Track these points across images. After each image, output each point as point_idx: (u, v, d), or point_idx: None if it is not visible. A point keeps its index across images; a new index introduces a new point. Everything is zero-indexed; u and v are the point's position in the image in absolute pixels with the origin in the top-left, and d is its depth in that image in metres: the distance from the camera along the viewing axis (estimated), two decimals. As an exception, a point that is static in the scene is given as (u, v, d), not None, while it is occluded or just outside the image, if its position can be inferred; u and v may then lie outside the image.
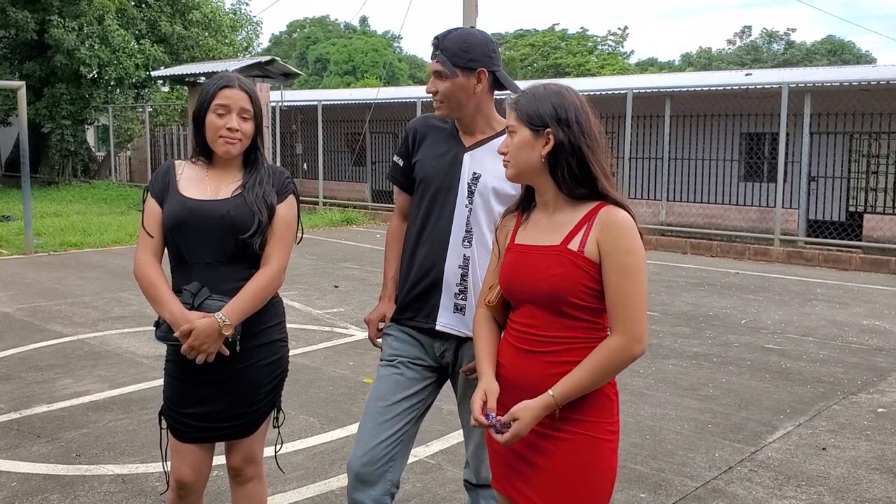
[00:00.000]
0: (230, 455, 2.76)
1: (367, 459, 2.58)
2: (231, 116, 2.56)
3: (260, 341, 2.64)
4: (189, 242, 2.56)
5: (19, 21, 20.06)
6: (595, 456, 2.09)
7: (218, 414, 2.64)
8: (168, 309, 2.51)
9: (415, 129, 2.82)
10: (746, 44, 62.69)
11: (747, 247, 12.40)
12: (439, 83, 2.62)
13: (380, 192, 18.72)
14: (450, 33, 2.65)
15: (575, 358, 2.06)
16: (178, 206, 2.57)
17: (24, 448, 4.36)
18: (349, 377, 5.74)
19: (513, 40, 60.52)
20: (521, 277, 2.13)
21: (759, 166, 14.46)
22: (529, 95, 2.16)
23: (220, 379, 2.61)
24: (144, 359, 6.15)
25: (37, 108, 21.08)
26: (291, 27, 72.51)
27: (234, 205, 2.55)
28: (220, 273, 2.55)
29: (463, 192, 2.66)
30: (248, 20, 27.11)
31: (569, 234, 2.09)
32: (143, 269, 2.58)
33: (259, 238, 2.56)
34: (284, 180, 2.68)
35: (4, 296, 8.51)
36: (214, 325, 2.46)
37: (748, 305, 8.50)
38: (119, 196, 19.62)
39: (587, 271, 2.05)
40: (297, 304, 8.04)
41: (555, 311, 2.08)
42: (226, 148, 2.58)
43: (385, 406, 2.64)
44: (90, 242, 12.49)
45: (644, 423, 4.87)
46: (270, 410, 2.75)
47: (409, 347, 2.72)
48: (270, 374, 2.68)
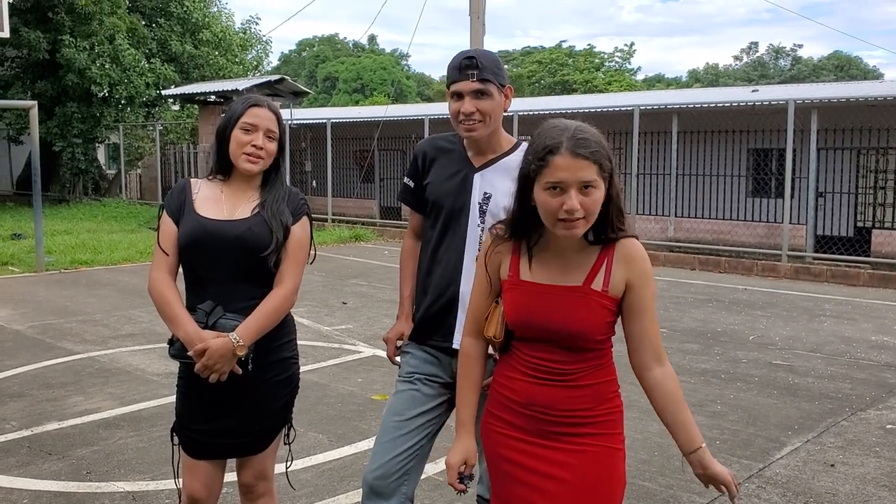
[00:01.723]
0: (241, 472, 2.78)
1: (382, 472, 2.61)
2: (258, 134, 2.60)
3: (272, 358, 2.66)
4: (204, 261, 2.59)
5: (31, 41, 20.28)
6: (612, 467, 2.14)
7: (230, 430, 2.65)
8: (182, 328, 2.53)
9: (423, 151, 2.85)
10: (753, 60, 62.84)
11: (755, 263, 12.39)
12: (480, 102, 2.62)
13: (388, 208, 18.79)
14: (480, 52, 2.69)
15: (587, 380, 2.11)
16: (194, 226, 2.59)
17: (35, 465, 4.39)
18: (358, 394, 5.76)
19: (520, 57, 60.82)
20: (540, 318, 2.09)
21: (766, 182, 14.47)
22: (597, 143, 2.01)
23: (233, 396, 2.62)
24: (155, 376, 6.19)
25: (48, 126, 21.26)
26: (301, 46, 73.05)
27: (253, 223, 2.58)
28: (234, 291, 2.58)
29: (474, 212, 2.69)
30: (258, 39, 27.30)
31: (590, 274, 2.08)
32: (158, 288, 2.60)
33: (275, 256, 2.58)
34: (299, 201, 2.71)
35: (16, 314, 8.58)
36: (228, 345, 2.48)
37: (756, 321, 8.49)
38: (129, 214, 19.74)
39: (611, 309, 2.08)
40: (305, 321, 8.07)
41: (572, 347, 2.10)
42: (248, 165, 2.61)
43: (401, 421, 2.68)
44: (101, 260, 12.57)
45: (652, 439, 4.87)
46: (282, 427, 2.77)
47: (427, 365, 2.75)
48: (282, 390, 2.70)
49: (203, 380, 2.55)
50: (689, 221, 14.45)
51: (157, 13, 23.87)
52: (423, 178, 2.82)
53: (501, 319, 2.19)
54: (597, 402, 2.12)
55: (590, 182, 1.97)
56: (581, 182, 1.96)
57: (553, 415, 2.11)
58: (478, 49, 2.75)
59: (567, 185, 1.96)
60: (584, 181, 1.96)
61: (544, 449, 2.12)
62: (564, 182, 1.96)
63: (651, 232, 14.47)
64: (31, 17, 20.74)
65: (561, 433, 2.11)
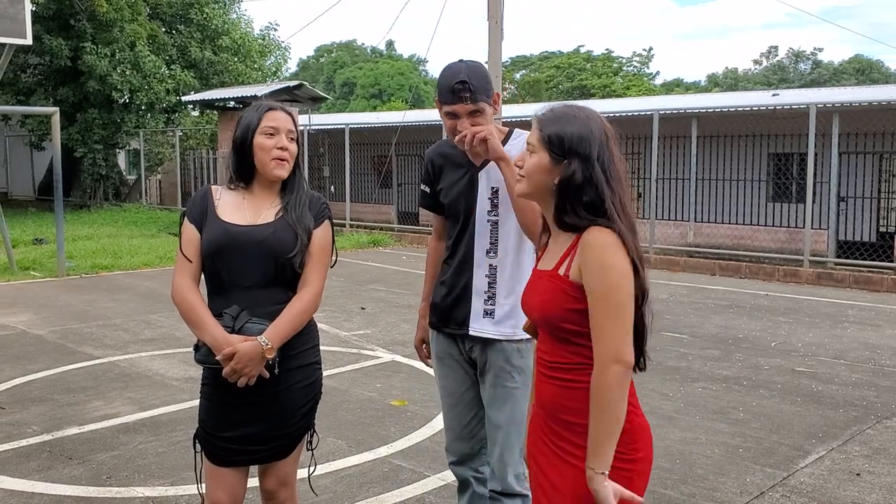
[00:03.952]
0: (264, 478, 2.76)
1: (461, 440, 3.05)
2: (280, 137, 2.61)
3: (296, 364, 2.66)
4: (229, 267, 2.59)
5: (54, 48, 20.48)
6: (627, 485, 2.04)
7: (255, 437, 2.64)
8: (209, 332, 2.52)
9: (431, 159, 3.08)
10: (773, 64, 62.41)
11: (776, 268, 12.28)
12: (475, 119, 2.79)
13: (406, 213, 18.80)
14: (470, 72, 2.77)
15: (583, 384, 2.03)
16: (218, 232, 2.59)
17: (55, 470, 4.41)
18: (376, 399, 5.75)
19: (538, 62, 60.74)
20: (525, 302, 2.23)
21: (787, 187, 14.34)
22: (556, 118, 2.13)
23: (258, 402, 2.61)
24: (174, 381, 6.20)
25: (70, 132, 21.46)
26: (319, 52, 73.34)
27: (277, 227, 2.59)
28: (259, 296, 2.58)
29: (483, 207, 2.90)
30: (277, 45, 27.42)
31: (560, 260, 2.11)
32: (183, 294, 2.60)
33: (300, 258, 2.59)
34: (321, 205, 2.72)
35: (37, 318, 8.64)
36: (258, 348, 2.48)
37: (778, 328, 8.40)
38: (149, 219, 19.87)
39: (572, 295, 2.04)
40: (324, 326, 8.08)
41: (555, 336, 2.11)
42: (279, 171, 2.62)
43: (454, 399, 3.05)
44: (121, 265, 12.66)
45: (673, 447, 4.82)
46: (305, 433, 2.76)
47: (450, 348, 3.04)
48: (306, 396, 2.70)
49: (229, 386, 2.55)
50: (709, 226, 14.35)
51: (177, 20, 24.05)
52: (436, 183, 3.04)
53: None
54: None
55: (529, 144, 2.15)
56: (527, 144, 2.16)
57: (552, 420, 2.11)
58: (467, 66, 2.82)
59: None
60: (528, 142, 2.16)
61: (545, 457, 2.13)
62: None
63: (671, 237, 14.38)
64: (54, 24, 20.96)
65: (560, 440, 2.09)
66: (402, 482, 4.26)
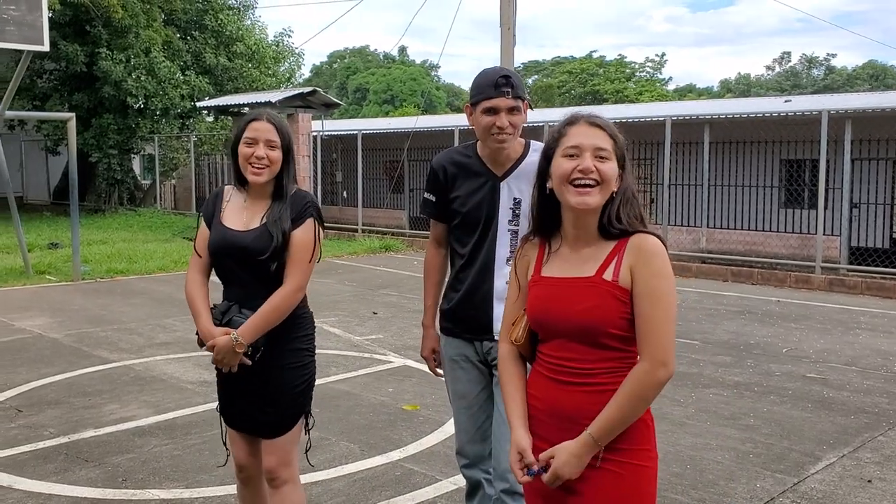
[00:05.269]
0: (265, 457, 3.00)
1: (474, 442, 3.08)
2: (258, 146, 2.86)
3: (287, 348, 2.93)
4: (225, 266, 2.93)
5: (69, 54, 20.66)
6: (636, 483, 2.09)
7: (254, 409, 2.94)
8: (200, 324, 2.89)
9: (443, 167, 3.06)
10: (786, 70, 62.22)
11: (788, 274, 12.25)
12: (513, 117, 2.86)
13: (417, 219, 18.83)
14: (510, 71, 2.91)
15: (612, 386, 2.06)
16: (217, 236, 2.93)
17: (72, 472, 4.47)
18: (388, 403, 5.79)
19: (550, 67, 60.79)
20: (555, 310, 2.12)
21: (799, 193, 14.31)
22: (611, 124, 2.16)
23: (254, 380, 2.91)
24: (189, 384, 6.26)
25: (85, 137, 21.61)
26: (332, 57, 73.65)
27: (257, 234, 2.86)
28: (251, 291, 2.87)
29: (505, 217, 2.95)
30: (291, 52, 27.57)
31: (602, 265, 2.09)
32: (188, 286, 2.98)
33: (273, 262, 2.84)
34: (304, 205, 2.93)
35: (53, 322, 8.73)
36: (230, 343, 2.80)
37: (790, 334, 8.40)
38: (164, 224, 19.99)
39: (622, 300, 2.06)
40: (337, 331, 8.12)
41: (589, 342, 2.08)
42: (253, 177, 2.88)
43: (468, 402, 3.08)
44: (136, 269, 12.74)
45: (684, 452, 4.84)
46: (301, 414, 3.01)
47: (465, 350, 3.06)
48: (297, 377, 2.96)
49: None
50: (722, 232, 14.33)
51: (191, 26, 24.22)
52: (448, 191, 3.04)
53: (525, 324, 2.23)
54: None
55: (604, 149, 2.10)
56: (596, 147, 2.09)
57: (575, 426, 2.08)
58: (505, 67, 2.98)
59: (582, 149, 2.10)
60: (598, 146, 2.10)
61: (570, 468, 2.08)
62: (580, 146, 2.10)
63: (683, 243, 14.36)
64: (70, 30, 21.13)
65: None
66: (415, 486, 4.30)
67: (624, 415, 2.03)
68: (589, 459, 2.05)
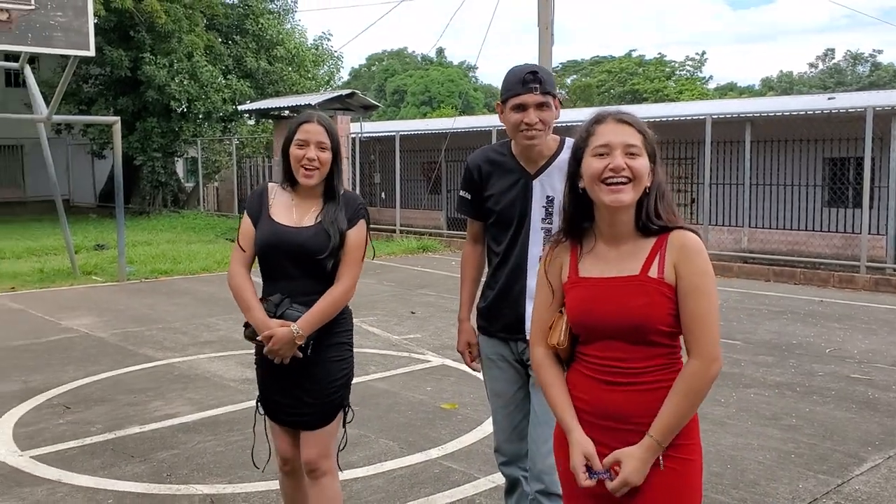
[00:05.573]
0: (305, 449, 3.05)
1: (512, 441, 3.08)
2: (309, 148, 2.93)
3: (330, 342, 3.02)
4: (275, 260, 2.97)
5: (114, 59, 21.09)
6: (687, 477, 2.11)
7: (296, 402, 3.01)
8: (255, 315, 2.94)
9: (478, 165, 3.06)
10: (829, 67, 61.10)
11: (832, 274, 12.05)
12: (542, 113, 2.83)
13: (455, 219, 18.85)
14: (539, 67, 2.89)
15: (663, 384, 2.07)
16: (269, 231, 2.97)
17: (118, 467, 4.57)
18: (427, 402, 5.82)
19: (589, 67, 60.46)
20: (601, 311, 2.10)
21: (843, 191, 14.05)
22: (640, 120, 2.15)
23: (298, 372, 2.98)
24: (231, 382, 6.36)
25: (129, 141, 22.03)
26: (370, 60, 74.07)
27: (314, 232, 2.94)
28: (300, 285, 2.95)
29: (537, 216, 2.93)
30: (330, 55, 27.85)
31: (646, 262, 2.09)
32: (235, 279, 3.02)
33: (331, 260, 2.95)
34: (357, 207, 3.05)
35: (99, 321, 8.92)
36: (290, 335, 2.87)
37: (833, 334, 8.27)
38: (207, 225, 20.26)
39: (670, 297, 2.07)
40: (375, 330, 8.18)
41: (638, 340, 2.08)
42: (304, 179, 2.96)
43: (504, 401, 3.08)
44: (179, 270, 12.95)
45: (725, 452, 4.80)
46: (340, 407, 3.08)
47: (501, 349, 3.06)
48: (338, 371, 3.05)
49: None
50: (763, 232, 14.14)
51: (233, 31, 24.57)
52: (483, 190, 3.04)
53: (565, 327, 2.20)
54: None
55: (634, 146, 2.09)
56: (625, 145, 2.09)
57: (627, 427, 2.08)
58: (533, 63, 2.93)
59: (612, 147, 2.09)
60: (628, 143, 2.09)
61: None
62: (610, 144, 2.10)
63: (724, 243, 14.20)
64: (114, 36, 21.57)
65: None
66: (453, 483, 4.32)
67: (682, 414, 2.06)
68: (652, 462, 2.07)
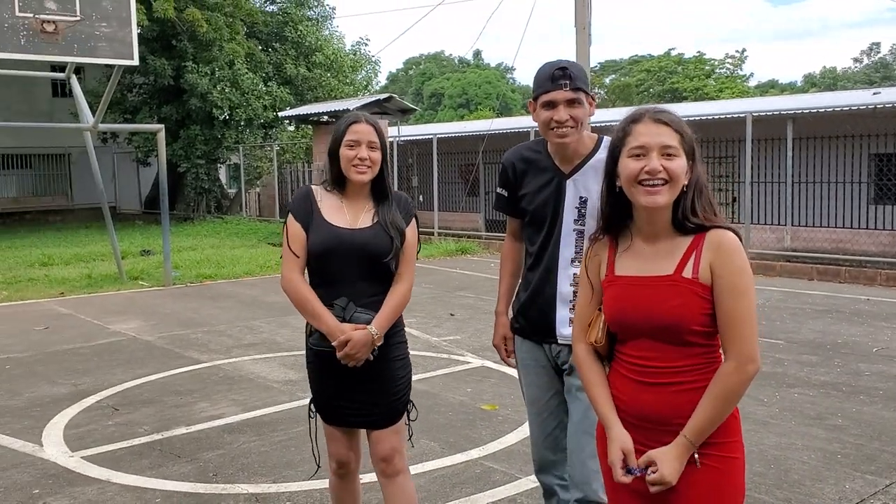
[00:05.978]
0: (378, 446, 3.06)
1: (545, 449, 3.04)
2: (361, 148, 2.92)
3: (393, 342, 3.04)
4: (335, 264, 2.93)
5: (157, 68, 21.46)
6: (729, 475, 2.10)
7: (365, 402, 3.01)
8: (325, 322, 2.88)
9: (512, 163, 3.03)
10: (875, 61, 59.82)
11: (878, 272, 11.82)
12: (573, 110, 2.76)
13: (493, 221, 18.85)
14: (570, 62, 2.81)
15: (700, 384, 2.06)
16: (327, 234, 2.93)
17: (165, 467, 4.67)
18: (467, 403, 5.85)
19: (628, 66, 59.97)
20: (635, 310, 2.11)
21: (890, 188, 13.79)
22: (677, 118, 2.13)
23: (366, 375, 2.97)
24: (275, 383, 6.46)
25: (173, 148, 22.39)
26: (408, 64, 74.35)
27: (375, 233, 2.93)
28: (360, 288, 2.94)
29: (570, 216, 2.86)
30: (367, 60, 28.00)
31: (680, 262, 2.08)
32: (296, 286, 2.95)
33: (395, 261, 2.96)
34: (409, 206, 3.08)
35: (146, 325, 9.10)
36: (369, 336, 2.87)
37: (880, 333, 8.12)
38: (250, 230, 20.50)
39: (704, 297, 2.05)
40: (415, 332, 8.24)
41: (673, 340, 2.08)
42: (358, 176, 2.94)
43: (538, 408, 3.03)
44: (223, 274, 13.16)
45: (768, 452, 4.75)
46: (406, 404, 3.11)
47: (536, 353, 3.01)
48: (402, 369, 3.08)
49: (335, 363, 2.91)
50: (807, 230, 13.92)
51: (272, 38, 24.87)
52: (517, 188, 3.00)
53: (603, 325, 2.21)
54: None
55: (671, 146, 2.07)
56: (662, 146, 2.07)
57: (664, 428, 2.08)
58: (564, 59, 2.86)
59: (649, 148, 2.08)
60: (664, 144, 2.07)
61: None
62: (646, 146, 2.08)
63: (767, 241, 14.02)
64: (157, 45, 21.95)
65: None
66: (495, 483, 4.34)
67: (717, 414, 2.04)
68: (686, 460, 2.06)
